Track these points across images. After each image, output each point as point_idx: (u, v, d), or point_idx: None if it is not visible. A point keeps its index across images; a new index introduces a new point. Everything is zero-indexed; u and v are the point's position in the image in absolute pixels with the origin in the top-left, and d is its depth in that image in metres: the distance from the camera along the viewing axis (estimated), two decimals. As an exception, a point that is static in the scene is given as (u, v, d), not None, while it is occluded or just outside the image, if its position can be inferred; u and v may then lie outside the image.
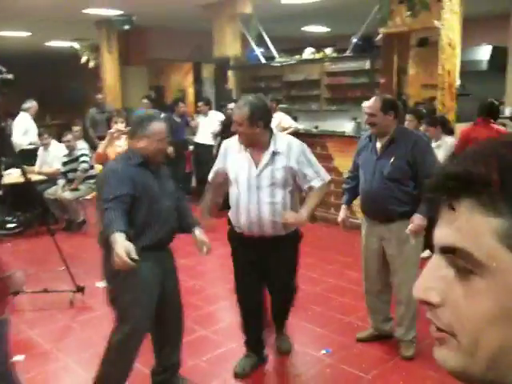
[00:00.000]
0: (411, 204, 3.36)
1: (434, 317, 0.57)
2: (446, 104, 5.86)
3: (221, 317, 4.39)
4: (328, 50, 7.51)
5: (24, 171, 4.64)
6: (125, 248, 2.28)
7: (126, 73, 11.07)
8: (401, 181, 3.38)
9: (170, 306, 2.97)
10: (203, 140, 8.10)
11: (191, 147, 8.46)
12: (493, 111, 5.42)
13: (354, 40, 7.04)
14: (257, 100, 3.04)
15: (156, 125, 2.78)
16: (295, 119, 7.76)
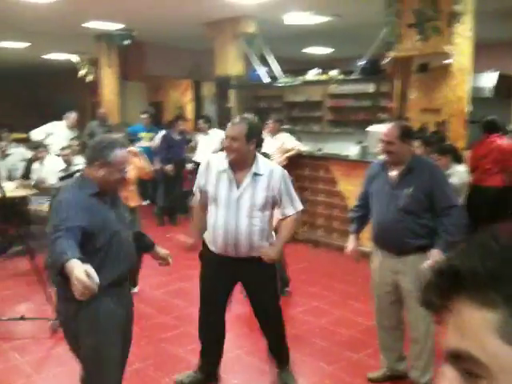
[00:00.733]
0: (428, 237, 3.21)
1: None
2: (456, 131, 5.73)
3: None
4: (333, 72, 7.39)
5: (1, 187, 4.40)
6: (84, 271, 2.02)
7: (125, 88, 10.92)
8: (417, 213, 3.21)
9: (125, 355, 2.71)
10: (203, 159, 7.90)
11: (190, 165, 8.27)
12: (493, 126, 5.66)
13: (361, 63, 6.92)
14: (253, 119, 3.11)
15: (119, 152, 2.50)
16: (299, 140, 7.60)
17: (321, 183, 6.90)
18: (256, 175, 3.05)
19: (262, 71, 8.38)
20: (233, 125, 3.06)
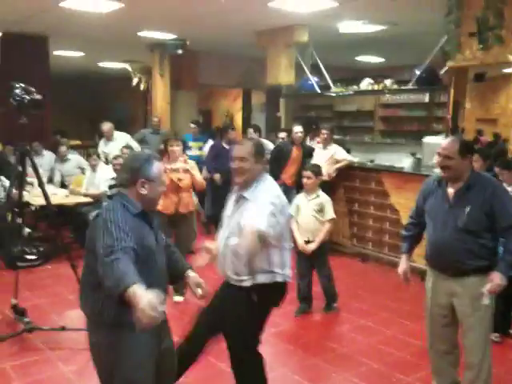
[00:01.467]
0: (488, 258, 3.02)
1: None
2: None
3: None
4: (387, 82, 7.21)
5: (46, 194, 4.39)
6: (149, 301, 1.91)
7: (176, 97, 11.04)
8: (477, 233, 3.02)
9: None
10: None
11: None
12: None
13: (418, 72, 6.72)
14: (257, 140, 3.22)
15: (158, 166, 2.41)
16: (348, 151, 7.45)
17: (371, 195, 6.72)
18: (243, 198, 2.89)
19: (314, 80, 8.28)
20: (240, 145, 2.99)
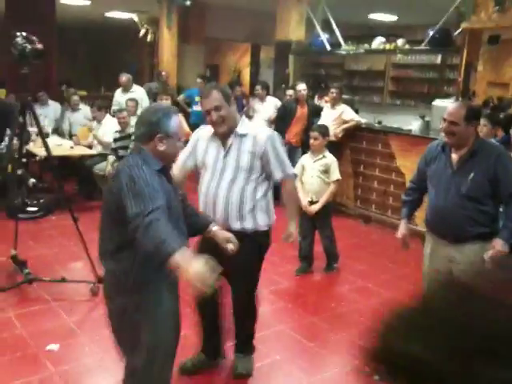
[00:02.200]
0: (488, 225, 3.01)
1: None
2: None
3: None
4: (400, 41, 7.03)
5: (47, 145, 4.34)
6: (197, 273, 1.83)
7: (184, 50, 10.86)
8: (479, 199, 3.00)
9: None
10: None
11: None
12: None
13: (431, 32, 6.54)
14: (220, 85, 3.09)
15: (177, 120, 2.30)
16: (357, 112, 7.34)
17: (378, 157, 6.67)
18: (242, 136, 2.90)
19: (324, 37, 8.10)
20: (210, 94, 2.86)
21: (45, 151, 4.45)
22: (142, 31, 11.61)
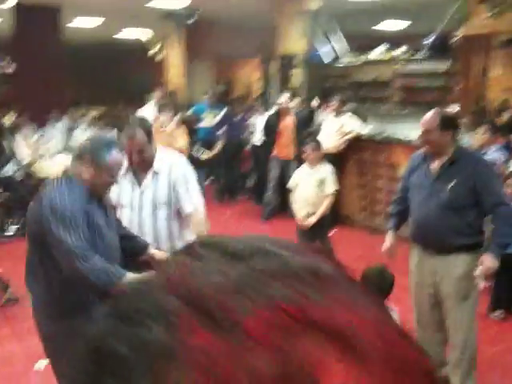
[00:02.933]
0: (471, 236, 2.91)
1: None
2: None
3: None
4: (400, 50, 6.95)
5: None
6: None
7: (192, 67, 10.95)
8: (461, 209, 2.90)
9: None
10: (258, 141, 7.77)
11: (249, 146, 8.18)
12: None
13: (430, 40, 6.45)
14: (144, 120, 2.95)
15: (115, 157, 2.23)
16: (364, 121, 7.26)
17: (382, 168, 6.56)
18: (156, 173, 2.81)
19: (325, 50, 8.07)
20: (132, 131, 2.72)
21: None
22: (152, 51, 11.74)
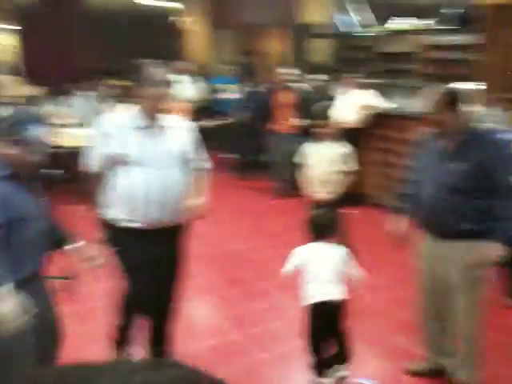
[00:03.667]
0: (482, 221, 2.75)
1: None
2: None
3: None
4: (428, 21, 6.65)
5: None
6: (8, 312, 1.81)
7: (216, 36, 10.75)
8: (469, 192, 2.75)
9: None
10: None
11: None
12: None
13: (457, 11, 6.15)
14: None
15: (39, 131, 2.07)
16: (386, 96, 7.03)
17: (395, 143, 6.34)
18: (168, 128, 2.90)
19: (351, 19, 7.78)
20: (158, 86, 2.80)
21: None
22: (174, 17, 11.51)
